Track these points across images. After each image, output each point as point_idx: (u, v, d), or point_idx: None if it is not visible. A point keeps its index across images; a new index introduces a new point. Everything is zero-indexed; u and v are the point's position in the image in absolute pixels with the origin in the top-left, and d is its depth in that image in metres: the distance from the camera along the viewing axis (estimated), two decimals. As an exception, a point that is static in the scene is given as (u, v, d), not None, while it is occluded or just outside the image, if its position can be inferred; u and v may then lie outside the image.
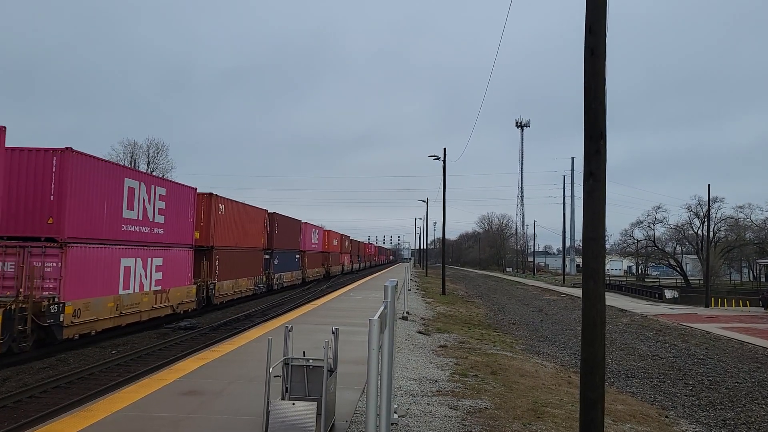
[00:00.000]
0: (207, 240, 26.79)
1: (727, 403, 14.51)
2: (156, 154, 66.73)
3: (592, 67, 6.59)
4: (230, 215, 29.61)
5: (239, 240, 30.99)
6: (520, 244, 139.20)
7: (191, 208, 24.49)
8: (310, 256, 51.47)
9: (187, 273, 23.98)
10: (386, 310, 4.75)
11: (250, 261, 33.17)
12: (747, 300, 46.57)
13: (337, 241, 67.94)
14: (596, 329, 6.40)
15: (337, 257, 68.46)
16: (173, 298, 22.39)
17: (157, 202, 21.13)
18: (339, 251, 69.66)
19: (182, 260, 23.47)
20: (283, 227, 41.23)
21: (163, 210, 21.62)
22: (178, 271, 23.03)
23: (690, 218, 74.59)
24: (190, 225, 24.39)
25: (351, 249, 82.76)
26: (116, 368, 14.74)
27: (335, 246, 66.48)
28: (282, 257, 40.63)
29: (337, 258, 68.38)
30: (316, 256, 55.32)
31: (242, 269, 31.49)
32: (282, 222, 41.24)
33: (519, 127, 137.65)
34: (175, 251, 22.73)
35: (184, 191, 24.13)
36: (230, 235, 29.50)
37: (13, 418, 10.31)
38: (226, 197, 29.70)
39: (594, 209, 6.54)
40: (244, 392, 8.63)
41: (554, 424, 8.50)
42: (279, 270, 39.76)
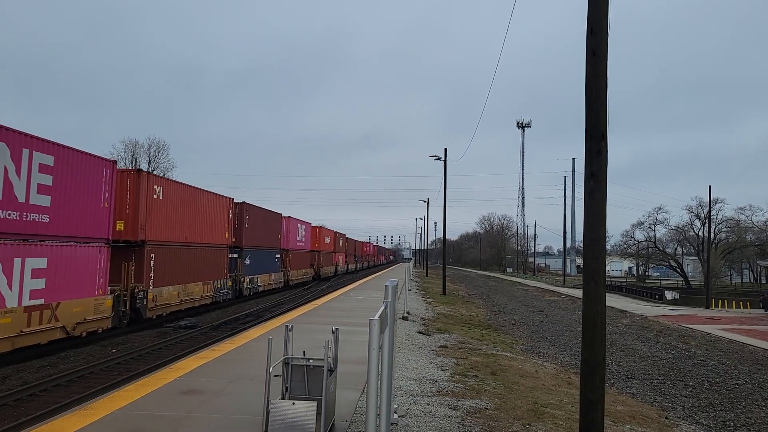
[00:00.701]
0: (135, 233, 20.37)
1: (727, 404, 14.51)
2: (157, 153, 66.81)
3: (593, 68, 6.58)
4: (173, 201, 23.09)
5: (190, 234, 24.62)
6: (520, 245, 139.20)
7: (106, 188, 18.30)
8: (296, 256, 45.59)
9: (95, 278, 17.55)
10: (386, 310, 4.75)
11: (208, 261, 26.63)
12: (747, 301, 46.54)
13: (329, 239, 62.18)
14: (596, 330, 6.40)
15: (330, 257, 62.45)
16: (67, 316, 15.96)
17: (36, 175, 14.93)
18: (332, 250, 63.57)
19: (86, 260, 17.06)
20: (256, 221, 34.97)
21: (48, 188, 15.39)
22: (77, 277, 16.61)
23: (691, 219, 74.74)
24: (103, 212, 18.09)
25: (346, 248, 77.11)
26: (116, 367, 14.76)
27: (327, 244, 60.85)
28: (256, 257, 34.62)
29: (330, 258, 62.44)
30: (303, 255, 49.11)
31: (194, 271, 24.95)
32: (255, 214, 34.91)
33: (520, 128, 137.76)
34: (71, 248, 16.40)
35: (91, 164, 17.53)
36: (174, 227, 23.16)
37: (14, 416, 10.32)
38: (170, 178, 24.77)
39: (595, 210, 6.54)
40: (244, 391, 8.63)
41: (554, 424, 8.49)
42: (251, 272, 33.57)
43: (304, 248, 49.43)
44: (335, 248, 65.68)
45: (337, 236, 67.63)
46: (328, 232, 62.47)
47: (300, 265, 47.29)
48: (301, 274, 47.67)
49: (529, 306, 42.49)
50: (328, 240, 61.70)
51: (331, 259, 63.22)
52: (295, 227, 45.81)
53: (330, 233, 63.30)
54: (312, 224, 53.89)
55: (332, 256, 64.15)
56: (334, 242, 65.02)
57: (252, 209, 34.38)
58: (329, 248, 61.77)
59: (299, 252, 47.31)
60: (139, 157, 65.14)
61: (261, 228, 35.79)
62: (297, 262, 46.20)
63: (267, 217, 37.67)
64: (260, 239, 35.67)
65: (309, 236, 51.70)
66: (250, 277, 33.22)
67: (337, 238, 68.06)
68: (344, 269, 73.71)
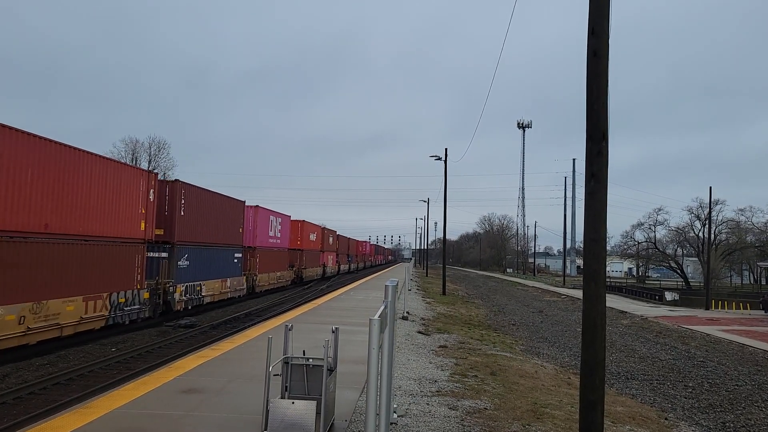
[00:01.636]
0: None
1: (727, 405, 14.50)
2: (157, 152, 66.80)
3: (594, 69, 6.59)
4: (13, 165, 14.12)
5: (55, 219, 15.67)
6: (520, 245, 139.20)
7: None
8: (267, 256, 36.78)
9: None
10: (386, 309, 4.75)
11: (97, 262, 17.53)
12: (747, 303, 46.53)
13: (315, 236, 54.14)
14: (596, 331, 6.40)
15: (315, 257, 54.24)
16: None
17: None
18: (319, 249, 55.86)
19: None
20: (200, 208, 25.42)
21: None
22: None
23: (691, 221, 74.72)
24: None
25: (338, 247, 68.73)
26: (116, 366, 14.76)
27: (313, 242, 52.84)
28: (198, 256, 25.09)
29: (316, 258, 54.50)
30: (279, 255, 40.21)
31: (65, 280, 16.00)
32: (197, 199, 25.08)
33: (521, 128, 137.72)
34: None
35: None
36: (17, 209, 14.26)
37: (13, 414, 10.32)
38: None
39: (595, 210, 6.54)
40: (243, 391, 8.63)
41: (554, 425, 8.49)
42: (191, 277, 24.29)
43: (280, 246, 40.77)
44: (323, 246, 57.90)
45: (325, 233, 59.89)
46: (314, 228, 54.83)
47: (273, 267, 38.46)
48: (275, 278, 38.89)
49: (529, 306, 42.49)
50: (314, 237, 53.67)
51: (317, 259, 55.15)
52: (265, 220, 36.90)
53: (316, 229, 55.94)
54: (292, 218, 45.60)
55: (319, 256, 56.24)
56: (321, 240, 57.19)
57: (192, 191, 24.40)
58: (315, 246, 54.05)
59: (272, 251, 38.30)
60: (139, 156, 65.21)
61: (208, 218, 26.32)
62: (269, 263, 37.28)
63: (219, 204, 27.79)
64: (207, 233, 26.17)
65: (287, 232, 42.92)
66: (189, 284, 24.14)
67: (326, 236, 60.18)
68: (335, 271, 65.44)
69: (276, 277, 39.32)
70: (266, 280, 36.75)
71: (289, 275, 43.63)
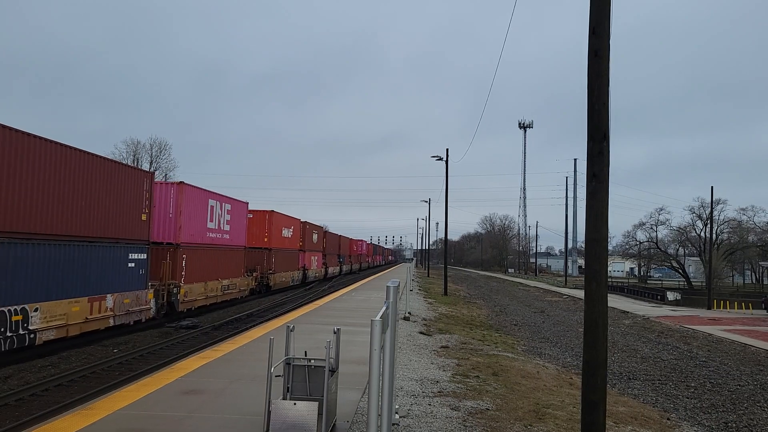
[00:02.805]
0: None
1: (729, 405, 14.48)
2: (159, 153, 66.91)
3: (595, 68, 6.58)
4: None
5: None
6: (522, 246, 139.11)
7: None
8: (202, 257, 25.42)
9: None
10: (388, 310, 4.75)
11: None
12: (749, 302, 46.49)
13: (291, 232, 42.82)
14: (598, 331, 6.39)
15: (292, 258, 43.34)
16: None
17: None
18: (298, 248, 45.39)
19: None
20: (42, 174, 14.78)
21: None
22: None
23: (693, 220, 74.64)
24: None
25: (326, 246, 58.80)
26: (118, 367, 14.77)
27: (288, 239, 41.80)
28: (23, 258, 14.03)
29: (292, 259, 43.28)
30: (226, 256, 28.47)
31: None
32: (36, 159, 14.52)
33: (521, 128, 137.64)
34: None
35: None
36: None
37: (16, 416, 10.33)
38: None
39: (597, 210, 6.53)
40: (245, 392, 8.64)
41: (555, 425, 8.49)
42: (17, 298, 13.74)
43: (230, 243, 29.10)
44: (304, 245, 47.59)
45: (307, 229, 49.10)
46: (289, 222, 42.74)
47: (215, 273, 26.92)
48: (218, 288, 27.17)
49: (531, 306, 42.47)
50: (289, 233, 42.32)
51: (294, 260, 43.98)
52: (200, 205, 25.34)
53: (293, 223, 43.93)
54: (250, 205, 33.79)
55: (299, 257, 45.94)
56: (301, 237, 46.47)
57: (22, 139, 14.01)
58: (291, 245, 42.81)
59: (213, 250, 26.70)
60: (140, 157, 65.30)
61: (56, 190, 15.32)
62: (207, 267, 25.90)
63: (87, 170, 16.80)
64: (64, 221, 15.71)
65: (242, 224, 31.31)
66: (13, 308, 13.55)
67: (308, 232, 49.45)
68: (320, 274, 54.72)
69: (221, 287, 27.40)
70: (201, 292, 25.07)
71: (245, 283, 31.69)
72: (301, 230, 47.04)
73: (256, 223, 36.90)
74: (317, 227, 55.95)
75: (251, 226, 35.41)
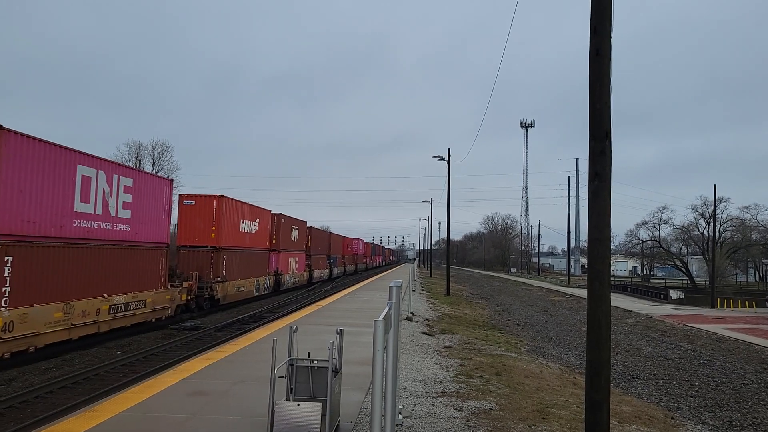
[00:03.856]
0: None
1: (734, 404, 14.45)
2: (161, 154, 66.92)
3: (597, 68, 6.58)
4: None
5: None
6: (524, 245, 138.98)
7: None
8: (66, 261, 16.12)
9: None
10: (391, 311, 4.75)
11: None
12: (753, 301, 46.40)
13: (255, 227, 33.25)
14: (601, 330, 6.39)
15: (260, 260, 34.32)
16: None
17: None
18: (268, 247, 36.19)
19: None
20: None
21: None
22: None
23: (696, 219, 74.45)
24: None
25: (310, 245, 49.29)
26: (122, 369, 14.80)
27: (251, 236, 32.52)
28: None
29: (259, 261, 34.22)
30: (131, 257, 19.94)
31: None
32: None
33: (523, 128, 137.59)
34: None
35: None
36: None
37: (19, 418, 10.36)
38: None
39: (599, 210, 6.53)
40: (249, 393, 8.65)
41: (559, 425, 8.48)
42: None
43: (128, 239, 19.93)
44: (277, 243, 38.29)
45: (282, 223, 39.28)
46: (251, 213, 32.66)
47: (101, 284, 17.84)
48: (109, 308, 18.14)
49: (534, 306, 42.43)
50: (252, 227, 32.68)
51: (260, 263, 34.42)
52: (63, 175, 16.08)
53: (260, 215, 34.22)
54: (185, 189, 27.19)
55: (266, 259, 35.92)
56: (273, 233, 37.83)
57: None
58: (255, 243, 33.32)
59: (88, 248, 17.37)
60: (143, 159, 65.35)
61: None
62: (74, 275, 16.50)
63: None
64: None
65: (156, 209, 22.11)
66: None
67: (283, 227, 39.66)
68: (302, 279, 45.26)
69: (109, 307, 18.14)
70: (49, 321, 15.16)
71: (164, 299, 22.23)
72: (273, 225, 37.68)
73: (199, 213, 27.56)
74: (298, 222, 44.80)
75: (189, 216, 27.51)
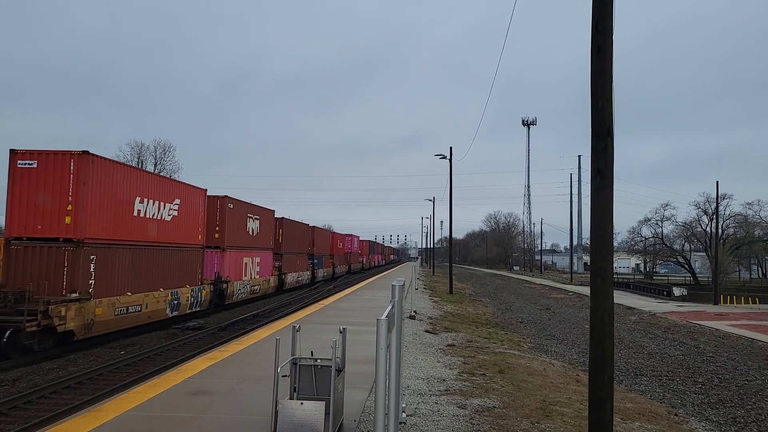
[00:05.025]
0: None
1: (737, 400, 14.43)
2: (163, 155, 66.95)
3: (598, 65, 6.56)
4: None
5: None
6: (527, 243, 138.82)
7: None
8: None
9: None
10: (394, 309, 4.76)
11: None
12: (756, 297, 46.32)
13: (175, 211, 22.70)
14: (604, 327, 6.38)
15: (190, 260, 24.16)
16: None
17: None
18: (201, 242, 25.23)
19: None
20: None
21: None
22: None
23: (698, 215, 74.29)
24: None
25: (285, 241, 38.97)
26: (125, 368, 14.83)
27: (162, 225, 21.53)
28: None
29: (190, 263, 24.07)
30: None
31: None
32: None
33: (525, 125, 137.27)
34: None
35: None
36: None
37: (24, 418, 10.39)
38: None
39: (601, 207, 6.52)
40: (252, 392, 8.66)
41: (563, 422, 8.48)
42: None
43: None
44: (221, 239, 27.89)
45: (227, 210, 28.28)
46: (173, 190, 22.95)
47: None
48: None
49: (537, 304, 42.40)
50: (167, 211, 22.12)
51: (191, 267, 24.37)
52: None
53: (189, 195, 24.27)
54: None
55: (202, 260, 25.34)
56: (218, 223, 27.73)
57: None
58: (182, 237, 23.41)
59: None
60: (145, 159, 65.40)
61: None
62: None
63: None
64: None
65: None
66: None
67: (232, 215, 28.88)
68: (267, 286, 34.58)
69: None
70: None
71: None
72: (215, 211, 26.47)
73: (45, 182, 16.57)
74: (259, 210, 32.73)
75: (29, 187, 16.55)
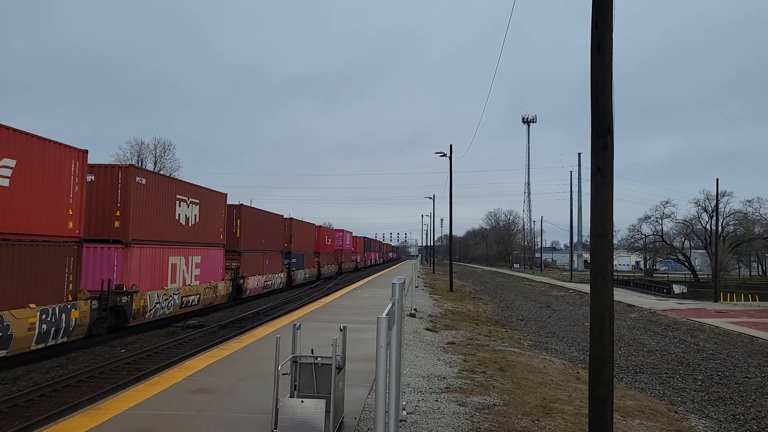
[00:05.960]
0: None
1: (737, 398, 14.44)
2: (163, 153, 66.96)
3: (598, 63, 6.56)
4: None
5: None
6: (527, 241, 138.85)
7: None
8: None
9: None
10: (394, 307, 4.77)
11: None
12: (756, 294, 46.38)
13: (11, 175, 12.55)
14: (605, 325, 6.39)
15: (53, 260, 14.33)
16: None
17: None
18: (76, 235, 15.39)
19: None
20: None
21: None
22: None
23: (698, 213, 74.29)
24: None
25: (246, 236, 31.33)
26: (126, 367, 14.84)
27: None
28: None
29: (50, 263, 14.24)
30: None
31: None
32: None
33: (525, 123, 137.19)
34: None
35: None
36: None
37: (25, 416, 10.40)
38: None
39: (601, 205, 6.52)
40: (253, 390, 8.67)
41: (563, 420, 8.49)
42: None
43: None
44: (123, 230, 18.52)
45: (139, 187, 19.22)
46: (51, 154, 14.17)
47: None
48: None
49: (537, 302, 42.42)
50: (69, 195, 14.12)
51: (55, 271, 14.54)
52: None
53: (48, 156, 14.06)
54: None
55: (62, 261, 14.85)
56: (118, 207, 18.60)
57: None
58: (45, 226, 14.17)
59: None
60: (145, 158, 65.40)
61: None
62: None
63: None
64: None
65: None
66: None
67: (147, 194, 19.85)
68: (214, 295, 25.72)
69: None
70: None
71: None
72: (117, 187, 18.72)
73: None
74: (201, 192, 25.04)
75: None
